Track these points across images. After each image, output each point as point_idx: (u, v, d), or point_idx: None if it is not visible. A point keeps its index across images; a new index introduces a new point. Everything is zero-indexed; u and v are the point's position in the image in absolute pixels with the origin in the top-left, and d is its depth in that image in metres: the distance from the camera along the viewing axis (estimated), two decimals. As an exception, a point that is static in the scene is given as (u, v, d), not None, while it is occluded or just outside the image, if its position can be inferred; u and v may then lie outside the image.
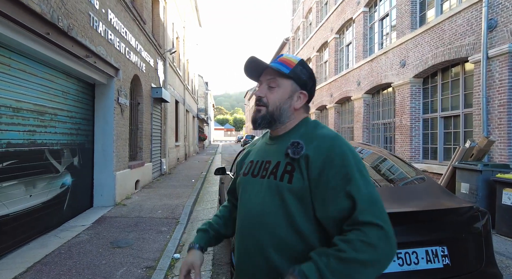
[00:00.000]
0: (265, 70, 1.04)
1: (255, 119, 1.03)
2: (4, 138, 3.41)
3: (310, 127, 1.00)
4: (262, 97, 1.01)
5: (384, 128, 11.21)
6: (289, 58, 1.03)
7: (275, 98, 1.00)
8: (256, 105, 1.03)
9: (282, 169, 0.94)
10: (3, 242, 3.42)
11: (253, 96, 53.37)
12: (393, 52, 10.01)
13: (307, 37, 20.38)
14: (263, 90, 1.02)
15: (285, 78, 1.00)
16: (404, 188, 2.17)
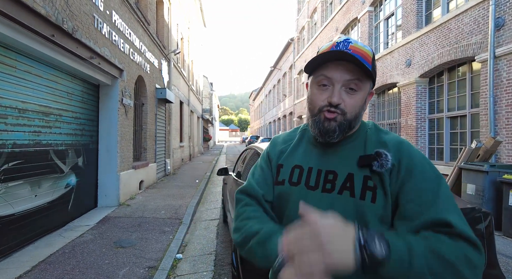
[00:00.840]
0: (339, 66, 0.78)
1: (331, 130, 0.79)
2: (10, 139, 3.46)
3: (373, 131, 0.86)
4: (339, 103, 0.78)
5: (389, 128, 11.11)
6: (364, 50, 0.80)
7: (355, 104, 0.80)
8: (329, 112, 0.79)
9: (360, 184, 0.77)
10: (10, 240, 3.47)
11: (257, 96, 53.03)
12: (399, 51, 9.92)
13: (312, 37, 20.31)
14: (340, 95, 0.78)
15: (367, 79, 0.81)
16: None
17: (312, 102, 0.84)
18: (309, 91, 0.85)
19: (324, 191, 0.81)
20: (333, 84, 0.79)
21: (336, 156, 0.84)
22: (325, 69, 0.80)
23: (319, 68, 0.82)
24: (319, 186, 0.82)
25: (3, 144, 3.36)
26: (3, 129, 3.36)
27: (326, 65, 0.80)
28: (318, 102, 0.81)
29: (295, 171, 0.87)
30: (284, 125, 29.86)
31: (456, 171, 5.92)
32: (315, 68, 0.83)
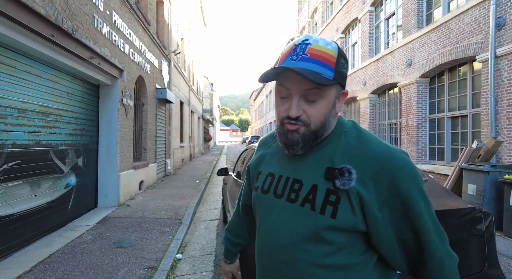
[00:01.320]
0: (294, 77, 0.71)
1: (294, 142, 0.75)
2: (9, 139, 3.46)
3: (352, 136, 0.77)
4: (299, 116, 0.73)
5: (390, 128, 11.09)
6: (324, 51, 0.72)
7: (319, 113, 0.74)
8: (290, 124, 0.74)
9: (322, 197, 0.72)
10: (9, 241, 3.47)
11: (258, 96, 53.12)
12: (399, 51, 9.90)
13: (312, 37, 20.27)
14: (299, 107, 0.73)
15: (330, 86, 0.73)
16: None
17: (276, 113, 0.79)
18: (275, 100, 0.80)
19: (288, 200, 0.77)
20: (291, 96, 0.74)
21: (305, 164, 0.79)
22: (283, 79, 0.74)
23: (279, 77, 0.75)
24: (284, 195, 0.79)
25: (3, 144, 3.36)
26: (2, 130, 3.35)
27: (283, 76, 0.73)
28: (280, 113, 0.77)
29: (268, 179, 0.86)
30: (285, 125, 29.82)
31: (457, 171, 5.90)
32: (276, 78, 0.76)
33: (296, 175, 0.79)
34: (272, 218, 0.79)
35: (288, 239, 0.74)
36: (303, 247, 0.72)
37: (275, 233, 0.77)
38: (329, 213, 0.70)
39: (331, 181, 0.72)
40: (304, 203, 0.74)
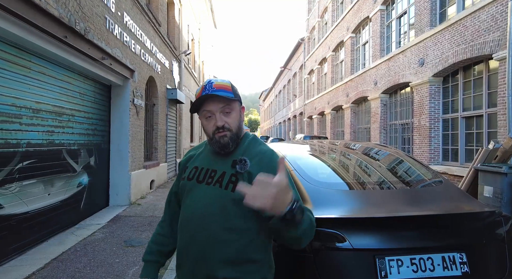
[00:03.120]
0: (212, 101, 1.10)
1: (226, 145, 1.10)
2: (24, 139, 3.53)
3: (252, 143, 1.18)
4: (223, 124, 1.09)
5: (402, 129, 10.90)
6: (223, 84, 1.13)
7: (234, 120, 1.12)
8: (219, 133, 1.09)
9: (227, 179, 1.08)
10: (24, 238, 3.54)
11: (268, 96, 52.87)
12: (411, 50, 9.72)
13: (322, 36, 20.15)
14: (222, 119, 1.10)
15: (234, 101, 1.13)
16: (421, 191, 2.08)
17: (206, 131, 1.14)
18: (201, 123, 1.16)
19: (206, 184, 1.11)
20: (214, 114, 1.10)
21: (221, 159, 1.13)
22: (205, 106, 1.11)
23: (201, 106, 1.12)
24: (204, 180, 1.12)
25: (18, 143, 3.43)
26: (17, 129, 3.43)
27: (205, 104, 1.11)
28: (210, 129, 1.11)
29: (193, 170, 1.17)
30: (295, 125, 29.71)
31: (472, 173, 5.74)
32: (198, 108, 1.13)
33: (213, 166, 1.13)
34: (193, 196, 1.11)
35: (204, 209, 1.07)
36: (213, 215, 1.05)
37: (195, 206, 1.09)
38: (230, 188, 1.05)
39: (234, 167, 1.08)
40: (215, 184, 1.09)
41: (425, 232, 1.64)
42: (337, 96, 16.70)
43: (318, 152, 2.96)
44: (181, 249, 1.14)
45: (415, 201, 1.86)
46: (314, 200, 1.85)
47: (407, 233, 1.62)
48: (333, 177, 2.27)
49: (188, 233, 1.10)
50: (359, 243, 1.58)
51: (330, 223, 1.62)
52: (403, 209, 1.78)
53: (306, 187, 1.95)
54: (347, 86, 15.23)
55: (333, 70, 18.01)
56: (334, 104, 17.16)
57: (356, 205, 1.84)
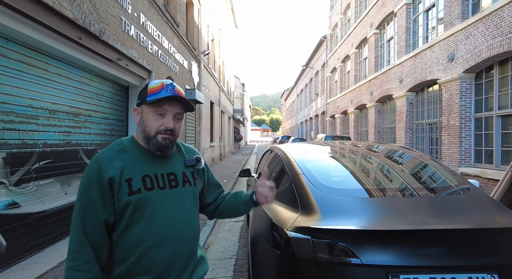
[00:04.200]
0: (173, 103, 1.12)
1: (166, 147, 1.12)
2: (41, 139, 3.60)
3: (181, 144, 1.29)
4: (173, 128, 1.12)
5: (429, 128, 10.33)
6: (182, 92, 1.15)
7: (180, 128, 1.17)
8: (165, 134, 1.11)
9: (191, 176, 1.20)
10: (41, 236, 3.61)
11: (289, 96, 52.48)
12: (440, 45, 9.16)
13: (345, 34, 19.61)
14: (172, 122, 1.12)
15: (184, 112, 1.19)
16: (446, 199, 1.85)
17: (149, 126, 1.11)
18: (144, 118, 1.12)
19: (171, 187, 1.13)
20: (166, 115, 1.11)
21: (169, 162, 1.17)
22: (164, 104, 1.10)
23: (159, 103, 1.09)
24: (166, 186, 1.12)
25: (35, 143, 3.51)
26: (34, 130, 3.50)
27: (165, 102, 1.10)
28: (156, 126, 1.10)
29: (146, 179, 1.09)
30: (316, 125, 29.19)
31: (508, 178, 5.25)
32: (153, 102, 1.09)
33: (168, 170, 1.15)
34: (164, 204, 1.09)
35: (184, 212, 1.14)
36: (192, 213, 1.18)
37: (173, 213, 1.11)
38: (194, 184, 1.21)
39: (190, 166, 1.22)
40: (184, 184, 1.17)
41: (450, 248, 1.43)
42: (361, 94, 16.17)
43: (334, 154, 2.77)
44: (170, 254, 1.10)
45: (439, 212, 1.65)
46: (322, 207, 1.68)
47: (428, 248, 1.42)
48: (347, 182, 2.09)
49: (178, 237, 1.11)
50: (370, 259, 1.40)
51: (337, 235, 1.46)
52: (424, 220, 1.57)
53: (313, 193, 1.79)
54: (371, 84, 14.69)
55: (357, 68, 17.46)
56: (357, 103, 16.63)
57: (371, 214, 1.65)
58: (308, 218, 1.63)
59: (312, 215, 1.65)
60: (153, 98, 1.08)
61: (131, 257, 1.06)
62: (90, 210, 1.03)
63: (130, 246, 1.06)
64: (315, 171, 2.10)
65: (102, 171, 1.05)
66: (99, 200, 1.04)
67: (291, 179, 2.06)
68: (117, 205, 1.06)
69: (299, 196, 1.85)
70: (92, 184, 1.04)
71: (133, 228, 1.06)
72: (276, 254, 1.67)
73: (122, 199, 1.05)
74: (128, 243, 1.06)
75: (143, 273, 1.07)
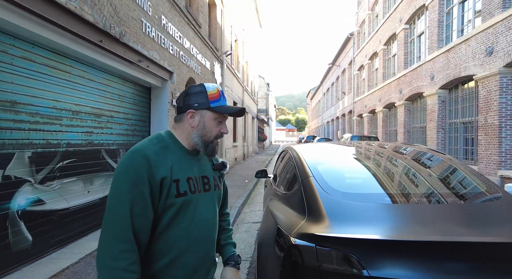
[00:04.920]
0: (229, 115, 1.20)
1: (216, 152, 1.21)
2: (64, 139, 3.75)
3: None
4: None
5: (464, 128, 9.67)
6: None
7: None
8: (217, 139, 1.19)
9: (218, 180, 1.25)
10: (65, 232, 3.76)
11: (315, 95, 51.67)
12: (476, 39, 8.53)
13: (373, 30, 18.92)
14: (226, 127, 1.21)
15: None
16: (476, 207, 1.66)
17: (209, 132, 1.15)
18: (207, 123, 1.14)
19: (205, 191, 1.16)
20: (223, 122, 1.19)
21: (201, 164, 1.20)
22: (227, 114, 1.17)
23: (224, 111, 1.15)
24: (201, 189, 1.15)
25: (58, 143, 3.65)
26: (58, 130, 3.64)
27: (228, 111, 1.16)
28: (216, 131, 1.16)
29: (190, 182, 1.11)
30: (343, 124, 28.46)
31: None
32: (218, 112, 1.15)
33: (202, 173, 1.18)
34: (201, 207, 1.12)
35: (214, 216, 1.19)
36: (217, 216, 1.23)
37: (206, 216, 1.14)
38: (221, 187, 1.28)
39: (217, 170, 1.27)
40: (215, 188, 1.22)
41: (476, 264, 1.26)
42: (389, 92, 15.52)
43: (352, 155, 2.62)
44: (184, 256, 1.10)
45: (466, 221, 1.47)
46: (331, 213, 1.56)
47: (448, 263, 1.26)
48: (363, 186, 1.94)
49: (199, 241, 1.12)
50: (379, 272, 1.26)
51: (344, 244, 1.34)
52: (447, 231, 1.40)
53: (322, 197, 1.67)
54: (400, 81, 14.05)
55: (385, 65, 16.79)
56: (386, 101, 15.98)
57: (385, 222, 1.50)
58: (315, 225, 1.52)
59: (319, 221, 1.54)
60: (217, 106, 1.13)
61: (166, 257, 1.05)
62: (139, 207, 0.97)
63: (167, 246, 1.05)
64: (328, 174, 1.97)
65: (154, 168, 1.00)
66: (149, 198, 0.99)
67: (301, 182, 1.96)
68: (161, 205, 1.03)
69: (306, 200, 1.75)
70: (142, 180, 0.98)
71: (173, 229, 1.06)
72: (279, 261, 1.58)
73: (168, 200, 1.03)
74: (166, 243, 1.05)
75: (174, 275, 1.06)
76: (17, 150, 3.09)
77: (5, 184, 2.95)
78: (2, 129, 2.93)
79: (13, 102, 3.03)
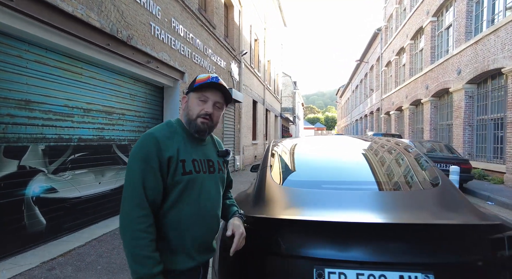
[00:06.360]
0: (215, 92, 1.27)
1: (204, 130, 1.27)
2: (76, 134, 4.15)
3: (213, 136, 1.45)
4: (211, 113, 1.26)
5: (493, 124, 9.07)
6: (225, 85, 1.30)
7: (218, 117, 1.32)
8: (204, 118, 1.25)
9: (222, 165, 1.39)
10: (77, 219, 4.16)
11: (344, 92, 50.35)
12: (506, 28, 7.98)
13: (400, 24, 18.18)
14: (212, 108, 1.26)
15: (225, 104, 1.34)
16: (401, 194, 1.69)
17: (191, 110, 1.26)
18: (189, 103, 1.28)
19: (210, 172, 1.30)
20: (207, 102, 1.26)
21: (207, 149, 1.35)
22: (207, 92, 1.26)
23: (202, 90, 1.25)
24: (207, 170, 1.29)
25: (70, 138, 4.05)
26: (70, 126, 4.04)
27: (208, 90, 1.26)
28: (196, 111, 1.25)
29: (195, 163, 1.25)
30: (371, 122, 27.57)
31: None
32: (198, 90, 1.25)
33: (208, 157, 1.32)
34: (206, 186, 1.26)
35: (217, 194, 1.33)
36: (221, 195, 1.36)
37: (212, 195, 1.28)
38: (225, 171, 1.41)
39: (221, 157, 1.40)
40: (219, 171, 1.35)
41: (382, 244, 1.33)
42: (416, 89, 14.86)
43: (323, 148, 2.67)
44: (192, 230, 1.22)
45: (384, 207, 1.52)
46: (269, 199, 1.69)
47: (358, 243, 1.34)
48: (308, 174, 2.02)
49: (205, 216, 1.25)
50: (296, 250, 1.37)
51: (265, 224, 1.46)
52: (361, 215, 1.47)
53: (268, 185, 1.80)
54: (427, 77, 13.41)
55: (412, 61, 16.09)
56: (412, 98, 15.32)
57: (311, 206, 1.59)
58: (253, 209, 1.65)
59: (258, 206, 1.67)
60: (198, 85, 1.24)
61: (176, 229, 1.17)
62: (150, 180, 1.12)
63: (177, 219, 1.18)
64: (284, 164, 2.09)
65: (162, 148, 1.16)
66: (158, 172, 1.14)
67: (259, 171, 2.09)
68: (169, 182, 1.16)
69: (256, 188, 1.88)
70: (151, 156, 1.13)
71: (180, 205, 1.18)
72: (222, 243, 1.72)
73: (176, 177, 1.17)
74: (175, 218, 1.17)
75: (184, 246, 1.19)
76: (31, 143, 3.49)
77: (20, 173, 3.36)
78: (18, 125, 3.34)
79: (27, 101, 3.44)
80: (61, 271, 3.04)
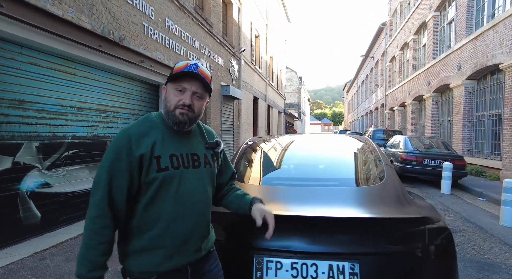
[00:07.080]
0: (192, 81, 1.18)
1: (183, 122, 1.18)
2: (69, 132, 4.34)
3: (202, 125, 1.38)
4: (190, 104, 1.18)
5: (492, 121, 9.01)
6: (206, 73, 1.23)
7: (200, 107, 1.23)
8: (182, 109, 1.17)
9: (210, 158, 1.30)
10: (72, 212, 4.36)
11: (351, 87, 49.89)
12: (505, 24, 7.89)
13: (404, 19, 17.97)
14: (190, 98, 1.18)
15: (207, 93, 1.24)
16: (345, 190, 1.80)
17: (169, 102, 1.19)
18: (167, 94, 1.21)
19: (194, 167, 1.22)
20: (185, 92, 1.18)
21: (192, 142, 1.26)
22: (183, 82, 1.17)
23: (179, 80, 1.17)
24: (190, 165, 1.21)
25: (64, 135, 4.24)
26: (63, 124, 4.23)
27: (184, 80, 1.17)
28: (174, 102, 1.17)
29: (173, 158, 1.18)
30: (376, 118, 27.39)
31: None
32: (175, 79, 1.17)
33: (192, 151, 1.24)
34: (188, 182, 1.19)
35: (204, 191, 1.25)
36: (209, 191, 1.29)
37: (195, 191, 1.21)
38: (214, 165, 1.32)
39: (210, 149, 1.31)
40: (205, 165, 1.27)
41: (315, 235, 1.46)
42: (418, 84, 14.75)
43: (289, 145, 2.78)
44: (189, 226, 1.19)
45: (324, 201, 1.64)
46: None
47: (293, 234, 1.47)
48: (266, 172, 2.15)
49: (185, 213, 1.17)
50: (238, 240, 1.51)
51: (217, 217, 1.59)
52: (299, 208, 1.60)
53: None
54: (429, 73, 13.30)
55: (415, 56, 15.93)
56: (415, 94, 15.21)
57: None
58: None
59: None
60: (174, 74, 1.16)
61: (153, 228, 1.13)
62: (117, 180, 1.10)
63: (154, 218, 1.14)
64: (245, 162, 2.22)
65: (134, 146, 1.12)
66: (127, 172, 1.11)
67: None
68: (143, 179, 1.13)
69: None
70: (121, 156, 1.10)
71: (158, 202, 1.14)
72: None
73: (150, 174, 1.13)
74: (153, 215, 1.14)
75: (163, 245, 1.14)
76: (25, 141, 3.70)
77: (15, 169, 3.57)
78: (12, 124, 3.54)
79: (21, 101, 3.63)
80: (51, 261, 3.25)
